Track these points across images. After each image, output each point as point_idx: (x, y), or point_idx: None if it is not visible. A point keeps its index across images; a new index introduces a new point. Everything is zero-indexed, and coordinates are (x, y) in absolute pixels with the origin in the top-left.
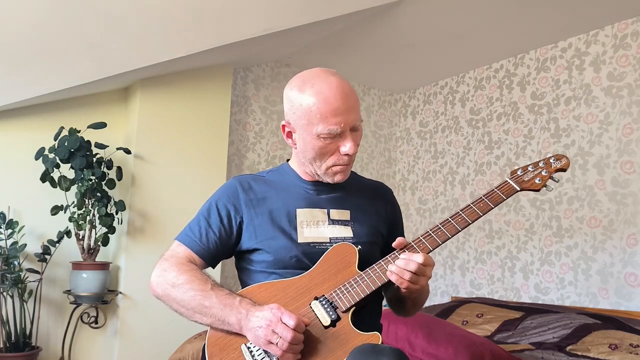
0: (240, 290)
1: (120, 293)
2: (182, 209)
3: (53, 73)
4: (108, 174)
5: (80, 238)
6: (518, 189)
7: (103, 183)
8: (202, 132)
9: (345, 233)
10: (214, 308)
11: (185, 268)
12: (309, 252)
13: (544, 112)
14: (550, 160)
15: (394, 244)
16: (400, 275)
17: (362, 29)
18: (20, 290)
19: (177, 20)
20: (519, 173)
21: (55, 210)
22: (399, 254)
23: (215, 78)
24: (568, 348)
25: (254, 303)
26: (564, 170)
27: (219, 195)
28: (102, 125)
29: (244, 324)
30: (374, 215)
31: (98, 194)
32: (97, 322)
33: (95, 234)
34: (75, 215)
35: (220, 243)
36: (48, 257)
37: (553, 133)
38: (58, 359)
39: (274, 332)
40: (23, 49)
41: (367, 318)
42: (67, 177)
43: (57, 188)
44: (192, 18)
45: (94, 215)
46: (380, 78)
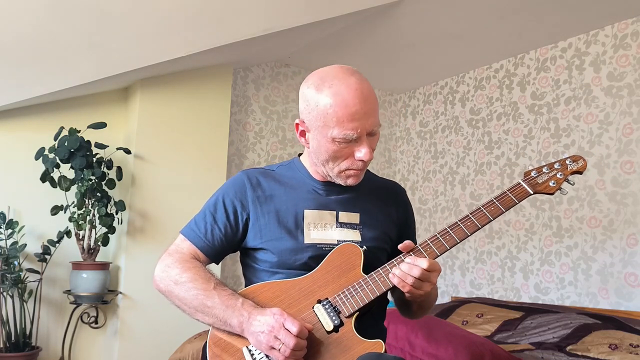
0: (243, 290)
1: (120, 293)
2: (182, 209)
3: (53, 73)
4: (108, 174)
5: (80, 238)
6: (531, 193)
7: (103, 183)
8: (202, 132)
9: (353, 237)
10: (216, 308)
11: (189, 265)
12: (315, 254)
13: (544, 112)
14: (567, 162)
15: (400, 246)
16: (403, 280)
17: (362, 29)
18: (20, 290)
19: (177, 20)
20: (533, 175)
21: (55, 210)
22: (405, 258)
23: (215, 78)
24: (568, 348)
25: (256, 305)
26: (580, 173)
27: (226, 190)
28: (102, 125)
29: (246, 327)
30: (384, 219)
31: (98, 194)
32: (97, 322)
33: (95, 234)
34: (75, 215)
35: (226, 240)
36: (48, 257)
37: (553, 133)
38: (58, 359)
39: (277, 338)
40: (23, 49)
41: (371, 322)
42: (67, 177)
43: (57, 188)
44: (192, 18)
45: (94, 215)
46: (380, 78)
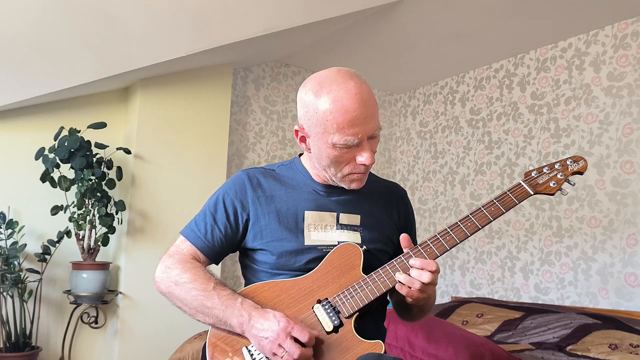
0: (243, 289)
1: (120, 293)
2: (182, 209)
3: (53, 73)
4: (108, 174)
5: (80, 238)
6: (532, 193)
7: (103, 183)
8: (202, 132)
9: (354, 238)
10: (216, 309)
11: (189, 266)
12: (315, 256)
13: (544, 112)
14: (567, 162)
15: (400, 238)
16: (410, 285)
17: (362, 29)
18: (20, 290)
19: (177, 20)
20: (533, 175)
21: (55, 210)
22: (406, 259)
23: (215, 78)
24: (568, 348)
25: (257, 306)
26: (581, 174)
27: (227, 190)
28: (102, 125)
29: (246, 328)
30: (385, 221)
31: (98, 194)
32: (97, 322)
33: (95, 234)
34: (75, 215)
35: (226, 240)
36: (48, 257)
37: (553, 133)
38: (58, 359)
39: (280, 346)
40: (23, 49)
41: (370, 323)
42: (67, 177)
43: (57, 188)
44: (192, 18)
45: (94, 215)
46: (380, 78)
